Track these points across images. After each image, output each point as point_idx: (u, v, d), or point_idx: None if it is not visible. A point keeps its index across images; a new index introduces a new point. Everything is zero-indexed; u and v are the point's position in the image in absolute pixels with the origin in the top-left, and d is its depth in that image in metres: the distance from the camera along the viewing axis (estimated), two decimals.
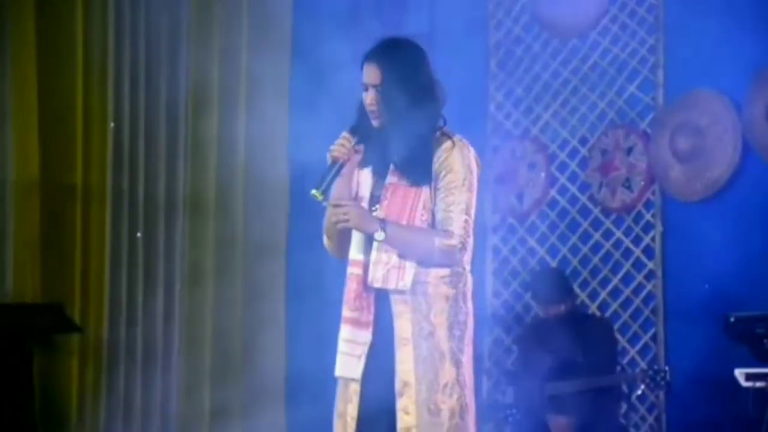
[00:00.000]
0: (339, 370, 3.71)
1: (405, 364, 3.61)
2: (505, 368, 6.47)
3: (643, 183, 6.15)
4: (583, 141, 6.39)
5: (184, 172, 7.18)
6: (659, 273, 6.06)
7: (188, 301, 7.10)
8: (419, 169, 3.64)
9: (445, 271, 3.65)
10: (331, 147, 3.67)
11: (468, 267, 3.71)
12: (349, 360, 3.68)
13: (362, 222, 3.62)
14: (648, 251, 6.12)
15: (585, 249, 6.32)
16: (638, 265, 6.14)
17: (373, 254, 3.64)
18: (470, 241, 3.65)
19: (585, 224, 6.33)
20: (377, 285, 3.63)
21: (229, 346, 6.97)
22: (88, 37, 7.51)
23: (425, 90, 3.68)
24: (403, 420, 3.60)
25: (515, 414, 6.04)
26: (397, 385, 3.62)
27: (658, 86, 6.15)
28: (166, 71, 7.26)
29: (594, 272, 6.28)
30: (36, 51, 7.58)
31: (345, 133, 3.69)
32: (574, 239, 6.36)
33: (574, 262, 6.33)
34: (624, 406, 5.96)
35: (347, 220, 3.62)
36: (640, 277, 6.13)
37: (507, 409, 6.07)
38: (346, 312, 3.69)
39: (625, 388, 5.89)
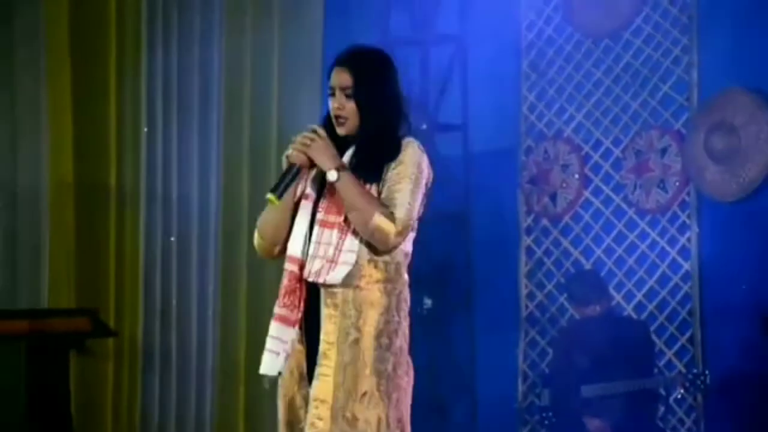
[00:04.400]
0: (263, 368, 3.62)
1: (324, 369, 3.52)
2: (540, 371, 6.44)
3: (677, 184, 6.12)
4: (617, 142, 6.36)
5: (216, 174, 7.20)
6: (695, 274, 6.02)
7: (222, 304, 7.12)
8: (371, 171, 3.56)
9: (380, 276, 3.56)
10: (287, 152, 3.59)
11: (405, 277, 3.63)
12: (270, 357, 3.59)
13: (322, 154, 3.53)
14: (684, 252, 6.08)
15: (620, 250, 6.29)
16: (674, 266, 6.10)
17: (311, 248, 3.57)
18: (409, 235, 3.56)
19: (619, 225, 6.30)
20: (311, 279, 3.54)
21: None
22: (121, 40, 7.56)
23: (393, 99, 3.63)
24: (315, 427, 3.50)
25: (551, 417, 6.02)
26: (313, 391, 3.53)
27: (692, 86, 6.11)
28: (198, 76, 7.28)
29: (629, 274, 6.24)
30: (69, 55, 7.64)
31: (306, 133, 3.56)
32: (608, 241, 6.33)
33: (609, 263, 6.30)
34: (661, 409, 5.92)
35: (308, 147, 3.52)
36: (676, 279, 6.09)
37: (543, 412, 6.05)
38: (277, 309, 3.60)
39: (662, 391, 5.86)
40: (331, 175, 3.52)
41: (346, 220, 3.56)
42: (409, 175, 3.56)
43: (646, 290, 6.18)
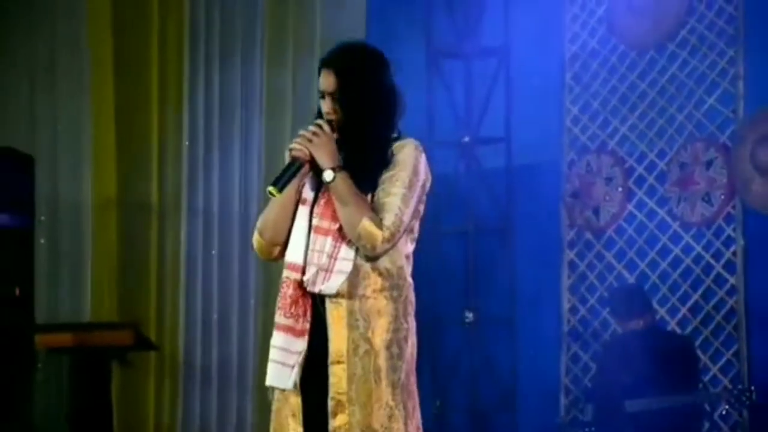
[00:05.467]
0: (270, 380, 3.54)
1: (337, 384, 3.45)
2: (583, 385, 6.38)
3: (723, 197, 6.04)
4: (662, 155, 6.30)
5: (258, 188, 7.20)
6: (741, 288, 5.94)
7: (263, 317, 7.11)
8: (363, 181, 3.48)
9: (385, 283, 3.48)
10: (291, 146, 3.50)
11: (410, 280, 3.55)
12: (281, 369, 3.50)
13: (322, 151, 3.45)
14: (729, 266, 6.00)
15: (664, 264, 6.22)
16: (719, 280, 6.02)
17: (308, 255, 3.49)
18: (401, 239, 3.47)
19: (664, 239, 6.23)
20: (308, 288, 3.46)
21: None
22: (163, 55, 7.59)
23: (382, 97, 3.51)
24: None
25: None
26: (330, 405, 3.46)
27: (738, 98, 6.04)
28: (240, 90, 7.29)
29: (673, 288, 6.17)
30: (113, 70, 7.68)
31: (310, 127, 3.48)
32: (652, 254, 6.26)
33: (653, 277, 6.23)
34: (706, 425, 5.85)
35: (310, 142, 3.45)
36: (721, 293, 6.01)
37: (586, 427, 5.98)
38: (280, 318, 3.51)
39: (707, 407, 5.78)
40: (327, 175, 3.46)
41: (341, 228, 3.48)
42: (403, 179, 3.47)
43: (690, 304, 6.11)
